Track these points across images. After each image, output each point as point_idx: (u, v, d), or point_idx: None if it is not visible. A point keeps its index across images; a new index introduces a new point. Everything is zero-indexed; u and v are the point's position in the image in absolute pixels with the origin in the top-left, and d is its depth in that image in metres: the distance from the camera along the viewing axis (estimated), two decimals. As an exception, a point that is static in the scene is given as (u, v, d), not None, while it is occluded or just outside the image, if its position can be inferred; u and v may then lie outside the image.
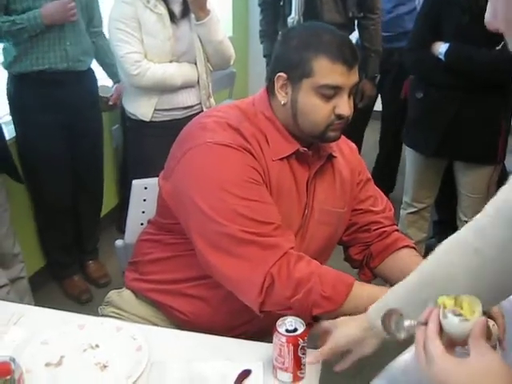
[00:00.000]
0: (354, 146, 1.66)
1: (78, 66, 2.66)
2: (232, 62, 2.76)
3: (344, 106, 1.35)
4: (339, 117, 1.35)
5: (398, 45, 3.13)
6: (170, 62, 2.55)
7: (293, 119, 1.39)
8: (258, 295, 1.26)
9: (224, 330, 1.39)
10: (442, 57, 2.45)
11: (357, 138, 3.68)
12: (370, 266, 1.58)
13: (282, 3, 3.22)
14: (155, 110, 2.60)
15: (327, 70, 1.31)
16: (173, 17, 2.51)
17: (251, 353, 1.33)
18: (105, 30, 2.80)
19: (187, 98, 2.65)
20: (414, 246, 1.58)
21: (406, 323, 0.96)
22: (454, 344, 0.90)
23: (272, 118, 1.41)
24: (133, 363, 1.27)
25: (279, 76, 1.37)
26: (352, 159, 1.60)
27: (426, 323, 0.91)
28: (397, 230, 1.61)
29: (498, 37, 2.45)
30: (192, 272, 1.41)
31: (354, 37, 3.26)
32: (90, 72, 2.79)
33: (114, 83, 3.00)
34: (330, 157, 1.50)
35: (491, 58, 2.38)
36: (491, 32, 2.55)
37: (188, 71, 2.60)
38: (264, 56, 3.42)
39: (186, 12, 2.55)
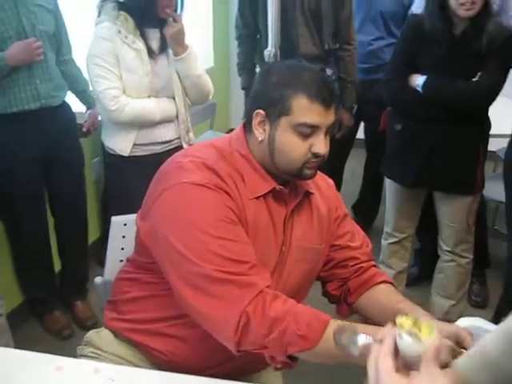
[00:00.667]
0: (330, 181, 1.67)
1: (52, 103, 2.65)
2: (211, 97, 2.77)
3: (320, 145, 1.36)
4: (315, 155, 1.36)
5: (377, 76, 3.18)
6: (149, 97, 2.56)
7: (269, 157, 1.39)
8: (233, 334, 1.24)
9: (202, 369, 1.37)
10: (419, 89, 2.48)
11: (338, 170, 3.74)
12: (347, 302, 1.57)
13: (258, 36, 3.27)
14: (134, 144, 2.59)
15: (306, 109, 1.33)
16: (151, 52, 2.52)
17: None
18: (78, 60, 2.82)
19: (166, 133, 2.65)
20: (391, 281, 1.58)
21: (361, 340, 0.96)
22: (409, 366, 0.88)
23: (248, 156, 1.42)
24: (111, 406, 1.25)
25: (257, 113, 1.38)
26: (329, 195, 1.60)
27: (381, 341, 0.90)
28: (374, 266, 1.61)
29: (474, 69, 2.52)
30: (169, 311, 1.39)
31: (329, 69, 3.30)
32: (64, 105, 2.78)
33: (87, 109, 2.99)
34: (307, 193, 1.51)
35: (468, 89, 2.42)
36: (468, 64, 2.61)
37: (166, 106, 2.61)
38: (242, 88, 3.45)
39: (163, 47, 2.57)
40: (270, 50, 2.99)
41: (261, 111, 1.38)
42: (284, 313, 1.24)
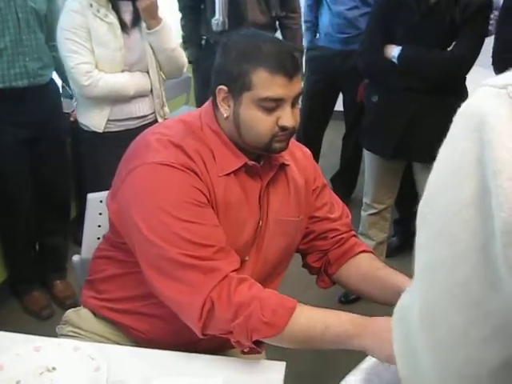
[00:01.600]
0: (307, 151, 1.64)
1: (39, 81, 2.61)
2: (185, 70, 2.74)
3: (287, 118, 1.32)
4: (283, 128, 1.33)
5: (354, 47, 3.16)
6: (122, 71, 2.51)
7: (237, 132, 1.36)
8: (198, 319, 1.24)
9: (182, 346, 1.35)
10: (395, 60, 2.47)
11: (316, 141, 3.72)
12: (327, 273, 1.57)
13: (202, 6, 3.23)
14: (108, 120, 2.55)
15: (267, 83, 1.28)
16: (124, 26, 2.47)
17: (212, 367, 1.31)
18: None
19: (140, 108, 2.61)
20: (370, 250, 1.59)
21: None
22: None
23: (218, 131, 1.39)
24: (91, 384, 1.23)
25: (220, 89, 1.34)
26: (306, 165, 1.58)
27: None
28: (354, 236, 1.61)
29: (449, 38, 2.50)
30: (145, 289, 1.36)
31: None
32: (51, 84, 2.74)
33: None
34: (283, 165, 1.48)
35: (443, 58, 2.41)
36: (443, 33, 2.61)
37: (140, 80, 2.56)
38: (189, 62, 3.40)
39: (136, 21, 2.51)
40: (218, 19, 2.98)
41: (223, 87, 1.34)
42: (250, 298, 1.23)
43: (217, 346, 1.36)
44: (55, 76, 2.83)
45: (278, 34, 3.35)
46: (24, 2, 2.48)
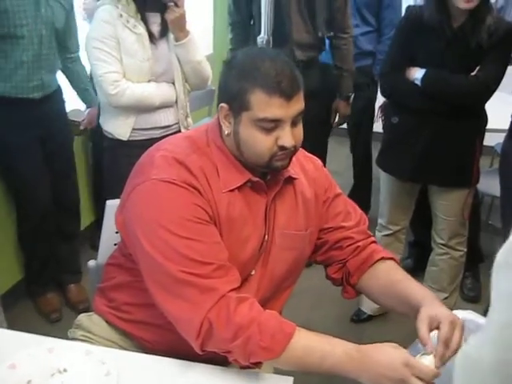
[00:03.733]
0: (319, 163, 1.63)
1: (51, 90, 2.73)
2: (209, 83, 2.77)
3: (286, 138, 1.32)
4: (282, 148, 1.33)
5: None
6: (149, 81, 2.55)
7: (237, 149, 1.37)
8: (196, 337, 1.26)
9: (190, 356, 1.37)
10: (418, 82, 2.47)
11: (320, 151, 3.71)
12: (350, 283, 1.56)
13: (252, 22, 3.23)
14: (133, 129, 2.59)
15: (264, 104, 1.28)
16: (152, 37, 2.51)
17: (220, 378, 1.33)
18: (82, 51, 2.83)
19: (165, 118, 2.64)
20: (391, 256, 1.56)
21: None
22: None
23: (222, 147, 1.40)
24: (100, 388, 1.25)
25: (222, 106, 1.36)
26: (316, 177, 1.57)
27: None
28: (374, 242, 1.59)
29: (472, 63, 2.51)
30: (150, 298, 1.37)
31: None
32: (58, 89, 2.84)
33: (87, 107, 3.04)
34: (290, 179, 1.48)
35: (467, 83, 2.42)
36: (466, 58, 2.59)
37: (166, 91, 2.60)
38: None
39: (164, 32, 2.55)
40: (263, 37, 2.97)
41: (224, 105, 1.35)
42: (249, 320, 1.24)
43: (222, 357, 1.38)
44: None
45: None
46: (48, 19, 2.59)
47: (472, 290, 3.26)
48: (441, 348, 1.24)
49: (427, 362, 1.22)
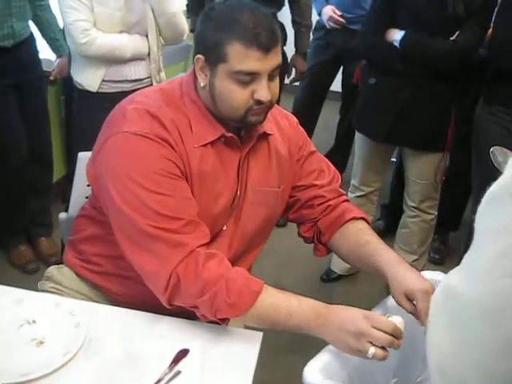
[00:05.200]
0: (294, 119, 1.61)
1: (22, 37, 2.63)
2: (185, 37, 2.71)
3: (262, 91, 1.29)
4: (258, 102, 1.31)
5: (358, 27, 3.14)
6: (121, 32, 2.48)
7: (212, 103, 1.34)
8: (163, 291, 1.26)
9: (162, 309, 1.35)
10: (396, 44, 2.46)
11: (310, 122, 3.70)
12: (321, 242, 1.57)
13: None
14: (103, 81, 2.53)
15: (241, 56, 1.26)
16: (125, -15, 2.43)
17: (189, 331, 1.33)
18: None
19: (136, 71, 2.58)
20: (362, 216, 1.55)
21: None
22: None
23: (197, 101, 1.37)
24: (70, 340, 1.24)
25: (198, 58, 1.33)
26: (292, 134, 1.56)
27: None
28: (346, 201, 1.59)
29: (452, 26, 2.49)
30: (120, 251, 1.35)
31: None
32: (31, 36, 2.75)
33: (57, 57, 2.94)
34: (265, 135, 1.46)
35: (446, 47, 2.41)
36: (446, 21, 2.58)
37: (138, 43, 2.53)
38: (191, 31, 3.37)
39: (139, -18, 2.48)
40: None
41: (200, 56, 1.32)
42: (217, 276, 1.24)
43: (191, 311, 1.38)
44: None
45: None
46: None
47: (438, 252, 3.30)
48: (424, 320, 1.24)
49: (395, 319, 1.22)
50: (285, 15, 3.30)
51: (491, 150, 1.28)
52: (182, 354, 1.24)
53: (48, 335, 1.26)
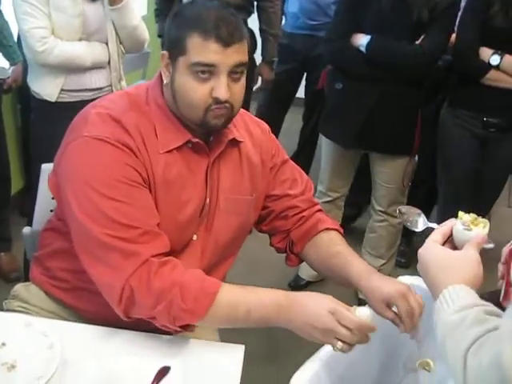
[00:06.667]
0: (266, 127, 1.59)
1: None
2: (146, 46, 2.66)
3: (220, 89, 1.26)
4: (216, 100, 1.27)
5: (323, 34, 3.16)
6: (80, 40, 2.41)
7: (174, 101, 1.32)
8: (118, 303, 1.22)
9: (134, 326, 1.32)
10: (362, 49, 2.46)
11: (274, 127, 3.69)
12: (293, 252, 1.55)
13: None
14: (61, 90, 2.44)
15: (199, 47, 1.24)
16: (85, -6, 2.37)
17: (169, 348, 1.29)
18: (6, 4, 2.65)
19: (96, 80, 2.50)
20: (334, 227, 1.54)
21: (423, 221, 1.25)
22: (456, 249, 1.09)
23: (163, 106, 1.34)
24: (44, 362, 1.17)
25: (163, 54, 1.32)
26: (263, 141, 1.53)
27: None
28: (320, 211, 1.57)
29: (417, 30, 2.52)
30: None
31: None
32: None
33: (11, 65, 2.86)
34: (235, 142, 1.43)
35: (411, 52, 2.43)
36: (411, 26, 2.61)
37: (98, 51, 2.46)
38: (158, 36, 3.34)
39: (99, -5, 2.41)
40: None
41: (165, 53, 1.31)
42: (170, 283, 1.21)
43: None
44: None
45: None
46: None
47: (404, 255, 3.32)
48: (408, 321, 1.24)
49: (362, 312, 1.20)
50: (256, 23, 3.30)
51: (398, 208, 1.36)
52: (163, 371, 1.20)
53: (19, 359, 1.19)
